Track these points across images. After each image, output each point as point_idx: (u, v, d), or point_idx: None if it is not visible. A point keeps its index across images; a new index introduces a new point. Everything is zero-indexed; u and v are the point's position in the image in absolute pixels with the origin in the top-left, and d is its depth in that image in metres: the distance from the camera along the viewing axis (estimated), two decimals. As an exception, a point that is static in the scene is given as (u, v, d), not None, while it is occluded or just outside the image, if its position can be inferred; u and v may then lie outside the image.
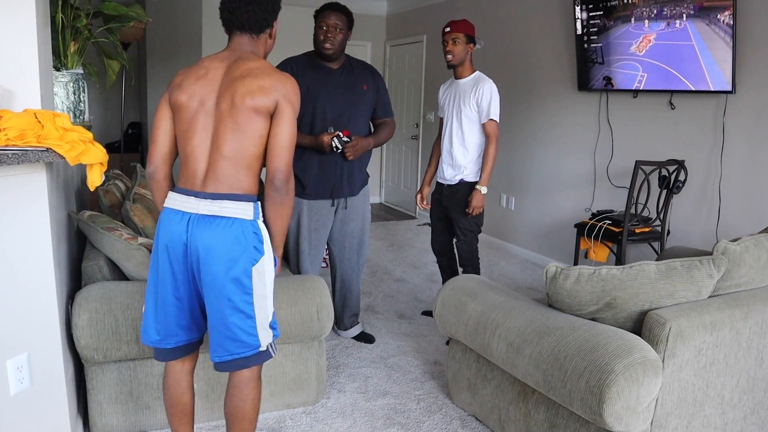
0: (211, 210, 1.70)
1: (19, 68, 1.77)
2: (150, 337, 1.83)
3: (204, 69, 1.79)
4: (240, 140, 1.72)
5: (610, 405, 1.70)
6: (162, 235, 1.74)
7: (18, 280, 1.79)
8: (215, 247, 1.68)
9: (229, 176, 1.72)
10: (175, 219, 1.72)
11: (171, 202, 1.76)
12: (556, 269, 2.07)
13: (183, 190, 1.75)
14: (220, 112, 1.74)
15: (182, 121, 1.78)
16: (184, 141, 1.77)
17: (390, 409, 2.57)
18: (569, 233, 4.31)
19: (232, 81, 1.74)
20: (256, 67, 1.76)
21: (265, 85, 1.72)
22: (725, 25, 3.32)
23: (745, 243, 2.07)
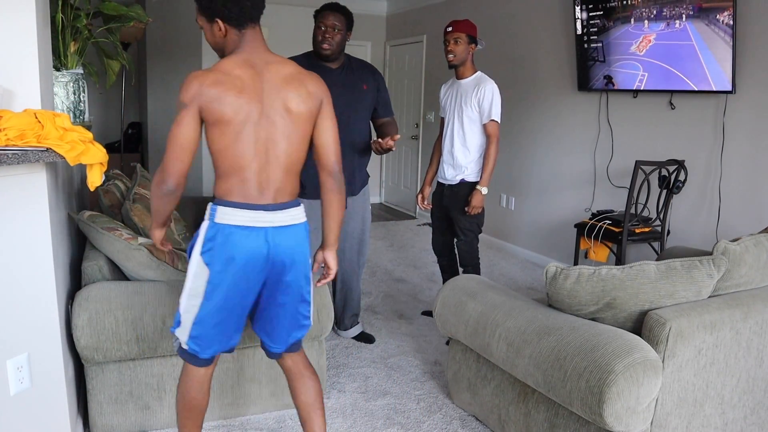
0: (285, 220, 1.77)
1: (19, 68, 1.77)
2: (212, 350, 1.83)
3: (239, 79, 1.69)
4: (294, 146, 1.77)
5: (610, 405, 1.70)
6: (237, 253, 1.71)
7: (18, 280, 1.79)
8: (296, 252, 1.78)
9: (287, 184, 1.78)
10: (250, 236, 1.71)
11: (238, 219, 1.72)
12: (556, 269, 2.07)
13: (247, 205, 1.72)
14: (271, 121, 1.72)
15: (226, 135, 1.69)
16: (234, 154, 1.71)
17: (390, 409, 2.57)
18: (569, 233, 4.31)
19: (278, 88, 1.73)
20: (295, 71, 1.78)
21: (311, 90, 1.77)
22: (725, 26, 3.32)
23: (745, 243, 2.07)
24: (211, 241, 1.72)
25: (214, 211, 1.74)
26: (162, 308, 2.18)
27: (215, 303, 1.75)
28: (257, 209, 1.73)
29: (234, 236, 1.71)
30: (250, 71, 1.71)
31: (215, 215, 1.73)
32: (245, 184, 1.72)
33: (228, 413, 2.40)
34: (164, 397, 2.28)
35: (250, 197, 1.73)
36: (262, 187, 1.74)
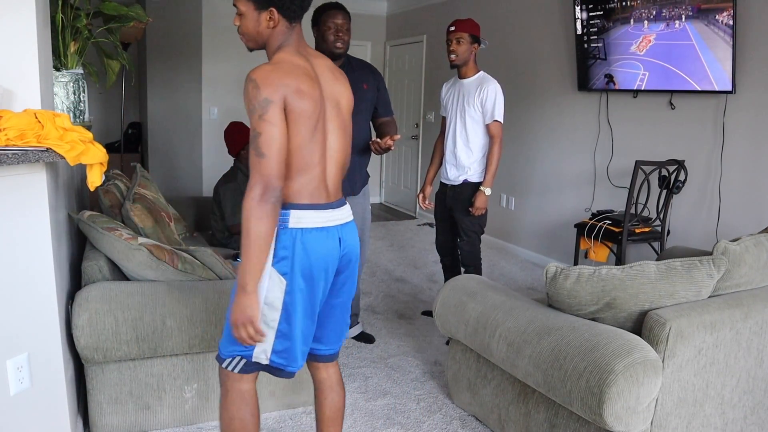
0: (348, 216, 1.76)
1: (19, 68, 1.77)
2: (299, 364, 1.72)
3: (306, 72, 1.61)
4: (347, 141, 1.76)
5: (610, 405, 1.70)
6: (316, 257, 1.62)
7: (18, 280, 1.79)
8: (356, 246, 1.78)
9: (340, 179, 1.76)
10: (328, 237, 1.65)
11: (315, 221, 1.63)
12: (556, 269, 2.07)
13: (319, 205, 1.65)
14: (329, 116, 1.68)
15: (303, 131, 1.58)
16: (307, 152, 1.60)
17: (390, 409, 2.57)
18: (569, 233, 4.31)
19: (331, 83, 1.70)
20: (334, 67, 1.77)
21: (347, 86, 1.77)
22: (724, 26, 3.32)
23: (745, 243, 2.07)
24: (286, 249, 1.60)
25: (286, 216, 1.60)
26: (162, 308, 2.18)
27: (299, 313, 1.64)
28: (328, 208, 1.67)
29: (313, 240, 1.62)
30: (307, 65, 1.65)
31: (288, 220, 1.60)
32: (313, 184, 1.64)
33: (228, 413, 2.40)
34: (164, 397, 2.28)
35: (320, 196, 1.66)
36: (328, 185, 1.69)
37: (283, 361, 1.68)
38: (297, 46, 1.67)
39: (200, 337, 2.23)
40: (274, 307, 1.63)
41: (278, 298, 1.62)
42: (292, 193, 1.62)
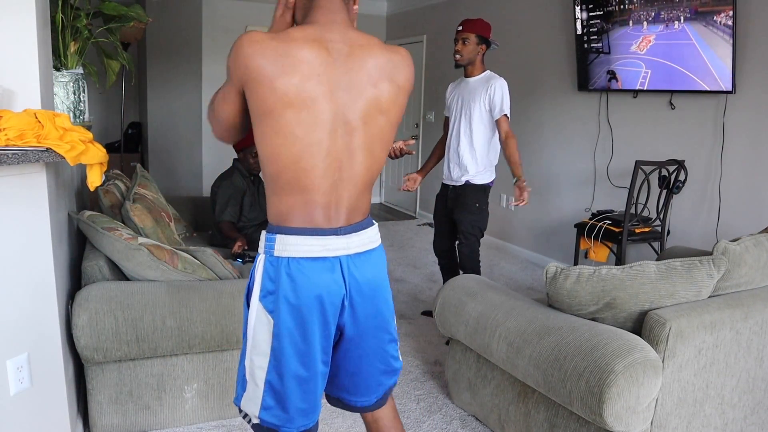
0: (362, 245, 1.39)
1: (19, 68, 1.77)
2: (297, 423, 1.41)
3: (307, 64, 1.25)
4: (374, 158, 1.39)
5: (610, 405, 1.70)
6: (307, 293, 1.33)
7: (18, 280, 1.79)
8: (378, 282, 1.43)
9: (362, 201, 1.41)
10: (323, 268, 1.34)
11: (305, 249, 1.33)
12: (556, 269, 2.07)
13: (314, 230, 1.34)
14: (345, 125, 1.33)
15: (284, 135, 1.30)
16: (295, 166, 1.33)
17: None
18: (569, 233, 4.31)
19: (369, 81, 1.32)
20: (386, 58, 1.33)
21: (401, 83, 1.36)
22: (723, 26, 3.32)
23: (745, 243, 2.07)
24: (272, 282, 1.34)
25: (271, 242, 1.35)
26: (162, 308, 2.18)
27: (291, 361, 1.36)
28: (328, 234, 1.34)
29: (301, 271, 1.33)
30: (324, 53, 1.28)
31: (274, 247, 1.34)
32: (310, 206, 1.34)
33: (228, 413, 2.40)
34: (164, 397, 2.28)
35: (316, 220, 1.34)
36: (333, 209, 1.36)
37: (275, 420, 1.40)
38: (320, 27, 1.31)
39: (200, 337, 2.23)
40: (262, 352, 1.37)
41: (266, 341, 1.36)
42: (282, 214, 1.35)
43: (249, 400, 1.41)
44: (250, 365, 1.39)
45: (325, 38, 1.29)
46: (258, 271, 1.36)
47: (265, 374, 1.37)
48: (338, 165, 1.34)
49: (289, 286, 1.32)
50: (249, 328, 1.39)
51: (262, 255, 1.37)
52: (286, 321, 1.34)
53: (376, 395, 1.54)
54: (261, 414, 1.40)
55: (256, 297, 1.37)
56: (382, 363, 1.50)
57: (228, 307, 2.26)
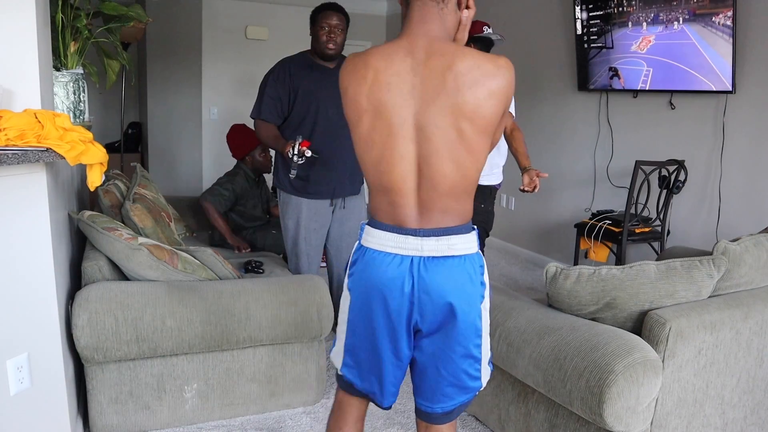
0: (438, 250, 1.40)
1: (19, 68, 1.77)
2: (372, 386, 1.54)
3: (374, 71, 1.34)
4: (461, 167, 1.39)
5: (610, 405, 1.70)
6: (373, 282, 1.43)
7: (18, 280, 1.79)
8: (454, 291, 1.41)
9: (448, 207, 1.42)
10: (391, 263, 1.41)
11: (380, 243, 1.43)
12: (556, 269, 2.08)
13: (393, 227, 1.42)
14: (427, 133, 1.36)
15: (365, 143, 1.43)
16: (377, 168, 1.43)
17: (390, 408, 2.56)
18: (569, 233, 4.31)
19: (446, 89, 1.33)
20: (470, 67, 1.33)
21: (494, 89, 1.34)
22: (722, 26, 3.32)
23: (745, 243, 2.07)
24: (354, 265, 1.48)
25: (362, 231, 1.49)
26: (162, 308, 2.18)
27: (357, 333, 1.51)
28: (404, 233, 1.40)
29: (373, 262, 1.43)
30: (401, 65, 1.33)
31: (362, 235, 1.48)
32: (392, 206, 1.42)
33: (228, 413, 2.40)
34: (164, 397, 2.28)
35: (397, 219, 1.42)
36: (416, 209, 1.41)
37: (351, 377, 1.55)
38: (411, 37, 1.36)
39: (200, 337, 2.23)
40: (344, 319, 1.55)
41: (345, 312, 1.54)
42: (373, 210, 1.49)
43: (335, 355, 1.60)
44: (339, 327, 1.57)
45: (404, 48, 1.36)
46: (352, 254, 1.52)
47: (345, 337, 1.55)
48: (417, 169, 1.39)
49: (362, 271, 1.46)
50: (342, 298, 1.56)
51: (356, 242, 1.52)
52: (356, 300, 1.49)
53: (442, 406, 1.52)
54: (342, 369, 1.58)
55: (346, 275, 1.54)
56: (451, 375, 1.48)
57: (228, 307, 2.26)
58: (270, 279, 2.53)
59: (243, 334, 2.29)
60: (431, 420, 1.56)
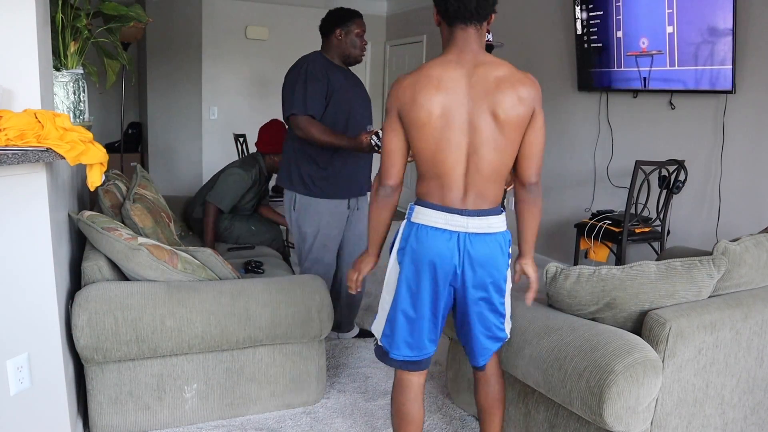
0: (480, 227, 1.73)
1: (19, 68, 1.77)
2: (402, 352, 1.82)
3: (438, 80, 1.66)
4: (500, 155, 1.71)
5: (610, 405, 1.70)
6: (425, 253, 1.72)
7: (18, 280, 1.79)
8: (490, 261, 1.74)
9: (489, 191, 1.74)
10: (442, 237, 1.71)
11: (432, 220, 1.73)
12: (556, 269, 2.07)
13: (443, 207, 1.72)
14: (475, 126, 1.67)
15: (426, 138, 1.69)
16: (434, 158, 1.71)
17: (390, 409, 2.57)
18: (569, 233, 4.31)
19: (485, 92, 1.66)
20: (508, 75, 1.68)
21: (523, 96, 1.67)
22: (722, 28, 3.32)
23: (745, 243, 2.07)
24: (405, 240, 1.77)
25: (411, 211, 1.78)
26: (162, 308, 2.18)
27: (404, 301, 1.77)
28: (453, 212, 1.72)
29: (426, 237, 1.72)
30: (454, 74, 1.67)
31: (412, 214, 1.77)
32: (444, 189, 1.72)
33: (228, 413, 2.40)
34: (164, 397, 2.28)
35: (448, 201, 1.73)
36: (462, 192, 1.72)
37: (387, 345, 1.84)
38: (456, 53, 1.70)
39: (200, 337, 2.23)
40: (390, 290, 1.82)
41: (393, 282, 1.81)
42: (423, 193, 1.77)
43: (377, 326, 1.88)
44: (382, 300, 1.86)
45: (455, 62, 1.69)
46: (399, 232, 1.81)
47: (389, 308, 1.83)
48: (466, 158, 1.70)
49: (414, 244, 1.74)
50: (387, 273, 1.84)
51: (405, 220, 1.80)
52: (406, 270, 1.76)
53: (485, 358, 1.90)
54: (381, 338, 1.87)
55: (394, 250, 1.81)
56: (486, 329, 1.84)
57: (228, 307, 2.26)
58: (270, 279, 2.53)
59: (243, 334, 2.29)
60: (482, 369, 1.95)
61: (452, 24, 1.71)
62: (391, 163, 1.76)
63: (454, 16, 1.68)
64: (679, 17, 3.55)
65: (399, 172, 1.78)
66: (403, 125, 1.72)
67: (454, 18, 1.69)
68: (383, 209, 1.82)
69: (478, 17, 1.68)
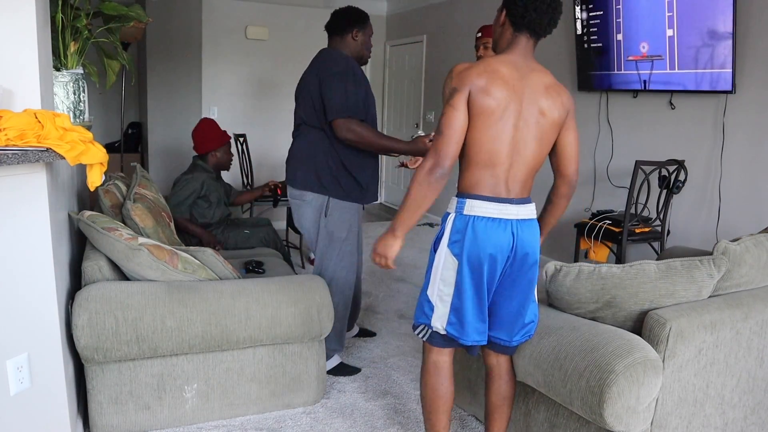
0: (528, 214, 1.86)
1: (19, 68, 1.77)
2: (472, 338, 1.89)
3: (504, 77, 1.80)
4: (541, 149, 1.87)
5: (610, 405, 1.70)
6: (484, 246, 1.80)
7: (18, 280, 1.79)
8: (534, 247, 1.86)
9: (528, 181, 1.89)
10: (498, 228, 1.81)
11: (488, 211, 1.82)
12: (555, 266, 2.08)
13: (495, 198, 1.82)
14: (524, 121, 1.82)
15: (487, 127, 1.79)
16: (490, 149, 1.81)
17: (390, 409, 2.57)
18: (569, 233, 4.31)
19: (538, 94, 1.83)
20: (553, 82, 1.88)
21: (564, 101, 1.87)
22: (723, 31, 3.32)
23: (745, 243, 2.07)
24: (459, 233, 1.82)
25: (462, 204, 1.84)
26: (162, 308, 2.18)
27: (467, 291, 1.84)
28: (504, 202, 1.82)
29: (484, 228, 1.80)
30: (515, 73, 1.81)
31: (464, 207, 1.83)
32: (495, 179, 1.83)
33: (228, 413, 2.40)
34: (164, 397, 2.28)
35: (498, 191, 1.83)
36: (509, 183, 1.84)
37: (456, 332, 1.89)
38: (516, 56, 1.85)
39: (200, 337, 2.23)
40: (449, 283, 1.86)
41: (451, 276, 1.85)
42: (472, 185, 1.85)
43: (437, 318, 1.90)
44: (439, 293, 1.89)
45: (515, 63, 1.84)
46: (448, 226, 1.85)
47: (451, 299, 1.87)
48: (516, 150, 1.83)
49: (472, 237, 1.80)
50: (436, 267, 1.88)
51: (453, 214, 1.86)
52: (467, 264, 1.82)
53: (512, 337, 1.94)
54: (447, 327, 1.90)
55: (444, 244, 1.85)
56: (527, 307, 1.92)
57: (228, 307, 2.26)
58: (270, 279, 2.53)
59: (243, 334, 2.29)
60: (506, 351, 2.00)
61: (520, 31, 1.86)
62: (452, 142, 1.78)
63: (527, 26, 1.83)
64: (680, 20, 3.55)
65: (456, 153, 1.80)
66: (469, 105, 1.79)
67: (525, 27, 1.84)
68: (434, 191, 1.79)
69: (543, 34, 1.87)
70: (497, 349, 2.00)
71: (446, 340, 1.94)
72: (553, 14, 1.82)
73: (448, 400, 2.01)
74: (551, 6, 1.81)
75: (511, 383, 2.03)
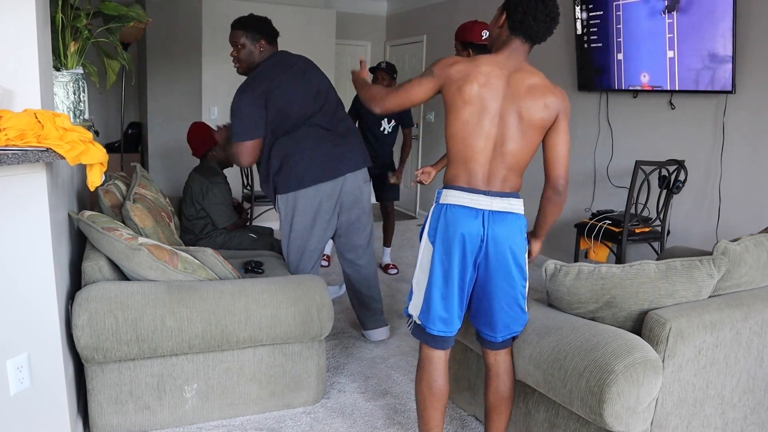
0: (502, 207, 1.89)
1: (19, 68, 1.77)
2: (437, 327, 1.94)
3: (485, 75, 1.87)
4: (520, 149, 1.90)
5: (610, 405, 1.70)
6: (454, 229, 1.86)
7: (18, 280, 1.79)
8: (510, 239, 1.88)
9: (511, 178, 1.92)
10: (469, 215, 1.87)
11: (459, 200, 1.88)
12: (555, 265, 2.08)
13: (469, 189, 1.89)
14: (504, 121, 1.87)
15: (463, 122, 1.89)
16: (464, 143, 1.90)
17: (390, 409, 2.57)
18: (569, 233, 4.31)
19: (518, 94, 1.87)
20: (539, 83, 1.90)
21: (548, 103, 1.88)
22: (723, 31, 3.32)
23: (745, 243, 2.07)
24: (435, 221, 1.91)
25: (439, 194, 1.94)
26: (162, 308, 2.18)
27: (438, 278, 1.90)
28: (478, 193, 1.88)
29: (453, 214, 1.87)
30: (498, 72, 1.88)
31: (440, 197, 1.93)
32: (472, 172, 1.90)
33: (228, 413, 2.40)
34: (164, 397, 2.28)
35: (474, 183, 1.90)
36: (490, 178, 1.90)
37: (423, 320, 1.95)
38: (505, 57, 1.92)
39: (200, 337, 2.23)
40: (424, 269, 1.94)
41: (427, 262, 1.93)
42: (450, 178, 1.94)
43: (414, 306, 2.00)
44: (417, 280, 1.98)
45: (500, 63, 1.91)
46: (430, 215, 1.95)
47: (425, 286, 1.94)
48: (492, 146, 1.89)
49: (444, 224, 1.89)
50: (420, 254, 1.97)
51: (433, 204, 1.96)
52: (439, 248, 1.89)
53: (502, 335, 1.98)
54: (419, 315, 1.98)
55: (425, 232, 1.95)
56: (510, 309, 1.95)
57: (228, 307, 2.26)
58: (270, 279, 2.53)
59: (243, 334, 2.29)
60: (494, 347, 2.02)
61: (515, 35, 1.92)
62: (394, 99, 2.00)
63: (523, 30, 1.89)
64: (680, 25, 3.55)
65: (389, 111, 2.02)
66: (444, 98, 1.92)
67: (522, 33, 1.90)
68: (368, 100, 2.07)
69: (538, 41, 1.93)
70: (489, 347, 2.03)
71: (424, 333, 1.98)
72: (550, 24, 1.89)
73: (442, 397, 2.01)
74: (549, 16, 1.88)
75: (509, 383, 2.03)
